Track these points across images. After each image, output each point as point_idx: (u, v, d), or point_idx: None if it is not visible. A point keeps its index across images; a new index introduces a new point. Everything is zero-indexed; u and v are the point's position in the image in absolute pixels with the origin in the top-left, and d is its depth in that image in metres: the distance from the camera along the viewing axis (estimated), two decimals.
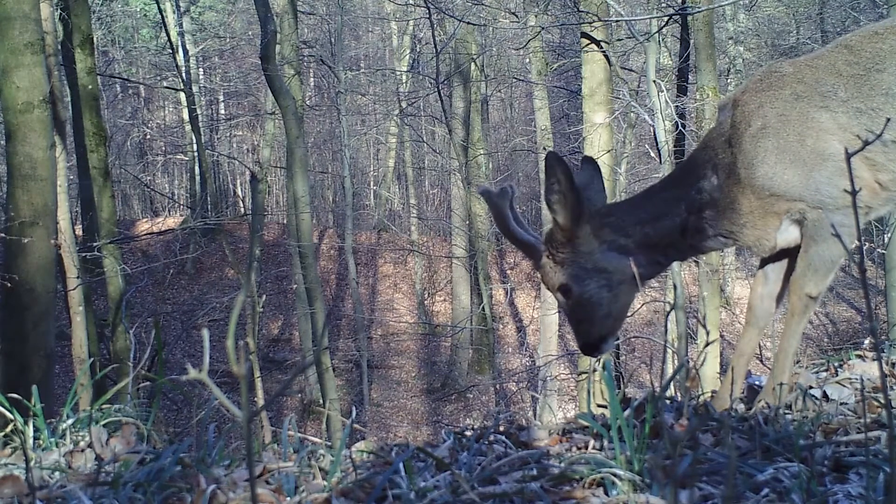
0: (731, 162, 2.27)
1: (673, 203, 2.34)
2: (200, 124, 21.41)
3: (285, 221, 19.94)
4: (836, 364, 2.62)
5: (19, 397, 2.36)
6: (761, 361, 17.08)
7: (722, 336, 14.81)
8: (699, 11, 9.19)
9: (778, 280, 2.42)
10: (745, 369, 2.40)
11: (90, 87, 10.67)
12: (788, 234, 2.30)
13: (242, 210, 24.93)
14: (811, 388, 2.27)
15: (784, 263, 2.40)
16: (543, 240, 2.33)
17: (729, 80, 18.04)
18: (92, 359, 9.37)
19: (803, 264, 2.24)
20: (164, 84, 23.69)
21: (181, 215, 22.93)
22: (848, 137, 2.17)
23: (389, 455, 1.95)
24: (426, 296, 20.18)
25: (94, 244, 10.35)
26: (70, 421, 2.31)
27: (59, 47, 11.10)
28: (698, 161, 2.40)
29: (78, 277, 9.44)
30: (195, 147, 20.55)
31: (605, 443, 1.83)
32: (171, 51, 20.50)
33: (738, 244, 2.37)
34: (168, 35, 20.06)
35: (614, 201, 2.51)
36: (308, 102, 22.19)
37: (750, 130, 2.26)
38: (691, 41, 9.28)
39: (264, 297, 14.29)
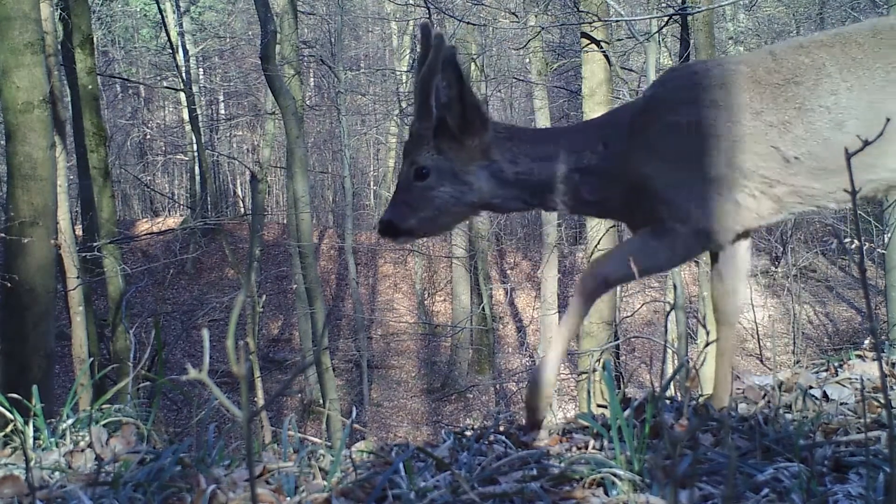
0: (631, 141, 2.21)
1: (568, 152, 2.26)
2: (200, 124, 21.41)
3: (285, 221, 19.94)
4: (836, 364, 2.62)
5: (19, 397, 2.36)
6: (761, 361, 17.09)
7: None
8: (699, 11, 9.19)
9: (734, 275, 2.37)
10: (730, 367, 2.36)
11: (90, 87, 10.67)
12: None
13: (242, 210, 24.93)
14: (811, 388, 2.27)
15: (735, 258, 2.36)
16: (439, 115, 2.20)
17: None
18: (92, 359, 9.37)
19: (617, 252, 2.19)
20: (164, 84, 23.69)
21: (181, 215, 22.93)
22: (745, 158, 2.09)
23: (389, 455, 1.95)
24: (426, 296, 20.18)
25: (94, 244, 10.36)
26: (70, 421, 2.31)
27: (59, 47, 11.10)
28: (607, 122, 2.34)
29: (78, 277, 9.44)
30: (195, 147, 20.55)
31: (605, 443, 1.83)
32: (171, 51, 20.51)
33: (604, 217, 2.37)
34: (168, 35, 20.06)
35: (521, 126, 2.42)
36: (308, 102, 22.19)
37: (660, 121, 2.19)
38: (691, 41, 9.28)
39: (264, 296, 14.30)
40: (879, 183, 2.18)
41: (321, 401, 13.06)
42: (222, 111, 27.78)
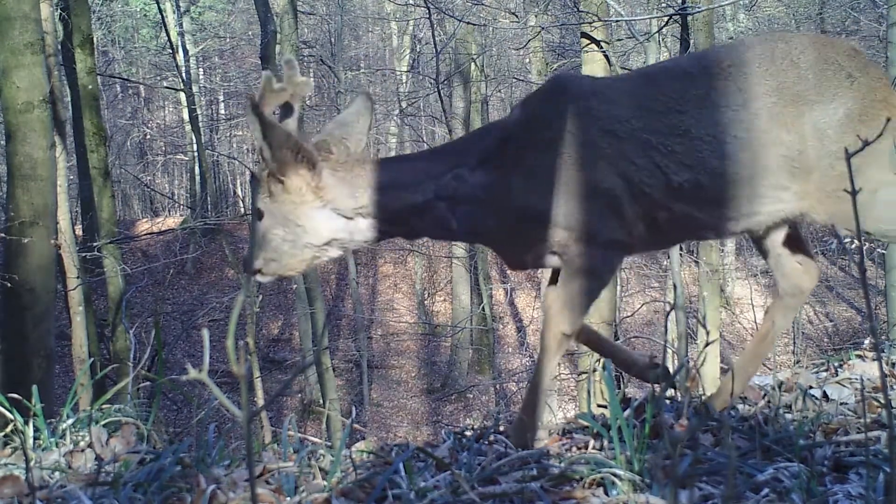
0: (504, 164, 2.11)
1: (424, 179, 2.15)
2: (200, 124, 21.41)
3: None
4: (836, 364, 2.62)
5: (19, 397, 2.36)
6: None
7: (722, 336, 14.80)
8: (699, 11, 9.19)
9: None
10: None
11: (90, 87, 10.67)
12: (546, 260, 2.18)
13: (242, 210, 24.93)
14: (811, 388, 2.27)
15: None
16: (275, 156, 2.10)
17: None
18: (92, 359, 9.37)
19: (560, 300, 2.11)
20: (164, 84, 23.69)
21: (181, 215, 22.93)
22: (629, 170, 2.04)
23: (389, 455, 1.95)
24: (426, 296, 20.17)
25: (94, 244, 10.36)
26: (70, 421, 2.31)
27: (59, 47, 11.10)
28: (461, 148, 2.23)
29: (78, 277, 9.44)
30: (195, 147, 20.55)
31: (605, 443, 1.83)
32: (171, 51, 20.51)
33: (485, 245, 2.23)
34: (168, 35, 20.05)
35: (372, 157, 2.33)
36: (308, 102, 22.19)
37: (536, 140, 2.10)
38: (691, 41, 9.28)
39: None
40: (765, 217, 2.13)
41: (321, 401, 13.05)
42: (222, 111, 27.79)
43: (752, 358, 2.35)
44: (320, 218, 2.13)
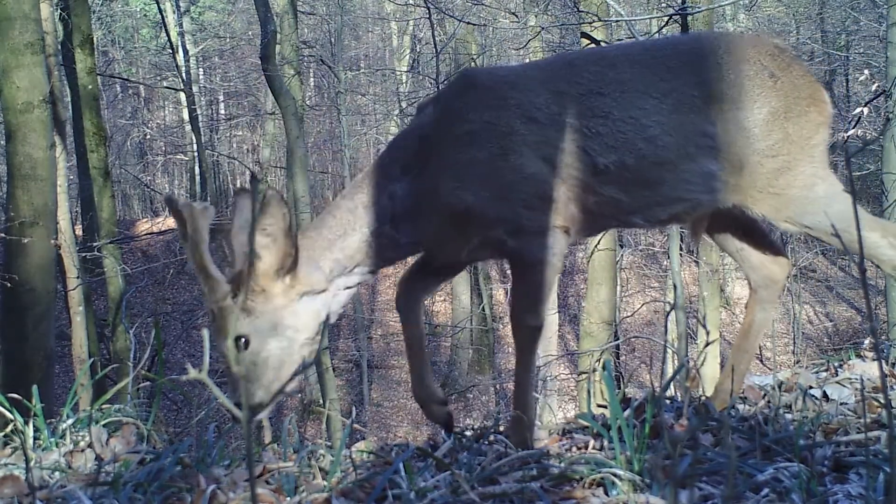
0: (427, 167, 2.09)
1: (360, 214, 2.13)
2: (200, 124, 21.41)
3: None
4: (836, 364, 2.62)
5: (19, 397, 2.37)
6: (761, 361, 17.08)
7: (722, 336, 14.80)
8: (699, 11, 9.19)
9: (427, 282, 2.31)
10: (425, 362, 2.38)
11: (90, 87, 10.67)
12: (482, 255, 2.19)
13: None
14: (811, 388, 2.27)
15: (441, 270, 2.30)
16: (229, 278, 1.99)
17: None
18: (92, 359, 9.37)
19: (518, 297, 2.13)
20: (164, 84, 23.68)
21: None
22: (552, 153, 2.04)
23: (389, 455, 1.95)
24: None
25: (94, 244, 10.36)
26: (70, 421, 2.32)
27: (59, 47, 11.10)
28: (386, 163, 2.18)
29: (78, 277, 9.44)
30: (195, 147, 20.55)
31: (605, 443, 1.83)
32: (171, 51, 20.50)
33: (432, 254, 2.21)
34: (168, 35, 20.05)
35: (302, 230, 2.18)
36: (308, 102, 22.19)
37: (454, 135, 2.08)
38: None
39: None
40: (691, 204, 2.15)
41: (321, 401, 13.05)
42: (222, 111, 27.78)
43: (740, 354, 2.35)
44: (306, 309, 2.04)
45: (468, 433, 2.13)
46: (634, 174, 2.09)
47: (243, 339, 1.96)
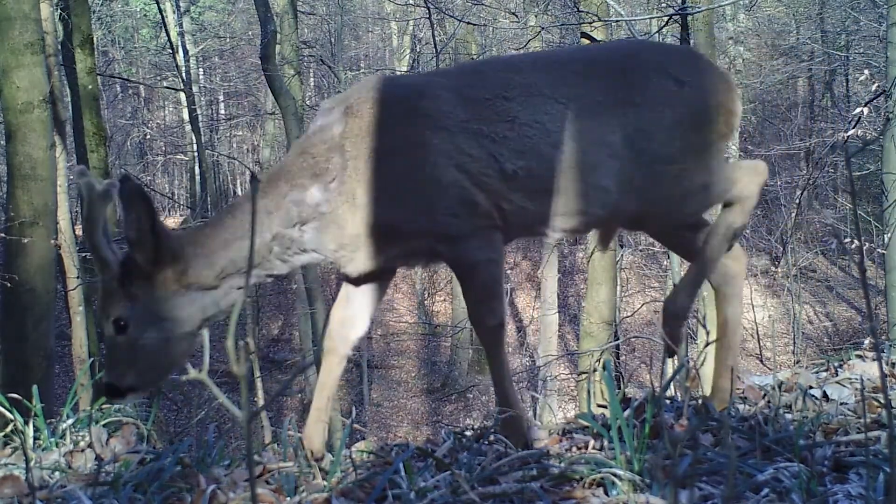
0: (343, 178, 2.06)
1: (262, 218, 2.11)
2: (200, 124, 21.39)
3: None
4: (836, 364, 2.62)
5: (19, 397, 2.37)
6: (761, 361, 17.08)
7: None
8: (699, 11, 9.19)
9: (363, 304, 2.27)
10: (328, 402, 2.25)
11: (90, 87, 10.67)
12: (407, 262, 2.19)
13: None
14: (811, 388, 2.27)
15: (371, 287, 2.26)
16: (121, 260, 2.03)
17: None
18: (92, 359, 9.36)
19: (470, 301, 2.12)
20: (164, 84, 23.66)
21: (181, 215, 22.93)
22: (465, 161, 2.03)
23: (389, 455, 1.95)
24: (426, 296, 20.18)
25: None
26: (70, 421, 2.32)
27: (59, 47, 11.09)
28: (294, 169, 2.14)
29: (78, 277, 9.44)
30: (195, 147, 20.53)
31: (605, 443, 1.83)
32: (171, 51, 20.48)
33: (335, 263, 2.19)
34: (168, 35, 20.04)
35: (198, 226, 2.20)
36: (308, 102, 22.18)
37: (366, 148, 2.07)
38: (691, 41, 9.28)
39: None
40: (592, 215, 2.14)
41: None
42: (222, 111, 27.77)
43: (724, 351, 2.35)
44: (190, 301, 2.05)
45: (468, 433, 2.13)
46: (541, 181, 2.08)
47: (121, 322, 2.01)
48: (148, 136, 27.49)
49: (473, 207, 2.05)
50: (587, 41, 9.04)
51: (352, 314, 2.28)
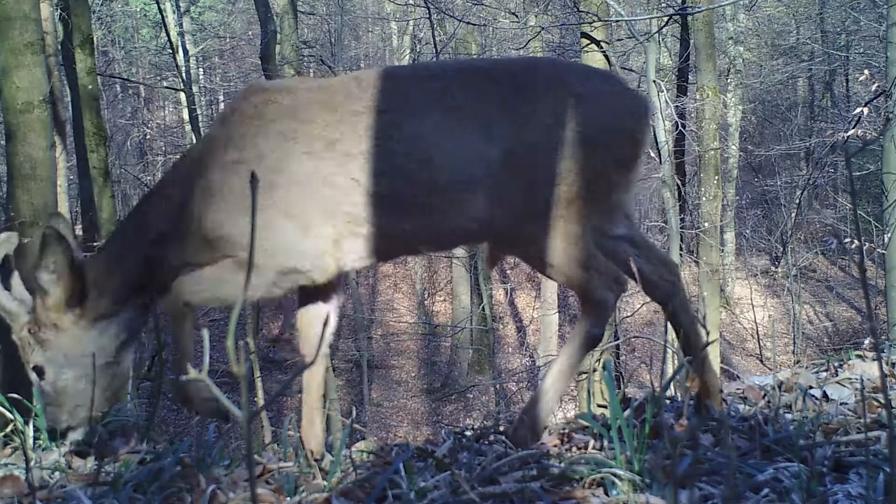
0: (196, 193, 2.01)
1: (136, 234, 2.09)
2: (200, 124, 21.39)
3: None
4: (836, 364, 2.62)
5: (19, 397, 2.37)
6: (761, 361, 17.09)
7: (722, 336, 14.80)
8: (699, 11, 9.19)
9: (325, 298, 2.21)
10: (319, 401, 2.21)
11: (90, 87, 10.66)
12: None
13: None
14: (811, 388, 2.27)
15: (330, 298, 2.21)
16: (27, 311, 2.09)
17: (729, 80, 18.05)
18: None
19: (199, 274, 2.03)
20: (164, 84, 23.67)
21: None
22: (326, 191, 1.94)
23: (389, 455, 1.95)
24: (426, 296, 20.18)
25: (94, 244, 10.35)
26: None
27: (59, 47, 11.10)
28: (166, 180, 2.13)
29: None
30: None
31: (605, 443, 1.83)
32: (171, 51, 20.48)
33: None
34: (168, 35, 20.04)
35: (93, 256, 2.21)
36: None
37: (223, 159, 2.00)
38: (691, 41, 9.29)
39: None
40: (470, 233, 2.01)
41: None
42: None
43: (696, 354, 2.24)
44: (100, 333, 2.09)
45: (468, 433, 2.13)
46: (412, 200, 1.96)
47: (38, 369, 2.08)
48: (148, 136, 27.49)
49: (314, 238, 1.96)
50: (587, 41, 9.04)
51: (316, 312, 2.23)
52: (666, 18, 9.93)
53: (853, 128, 7.80)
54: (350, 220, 1.96)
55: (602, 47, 9.07)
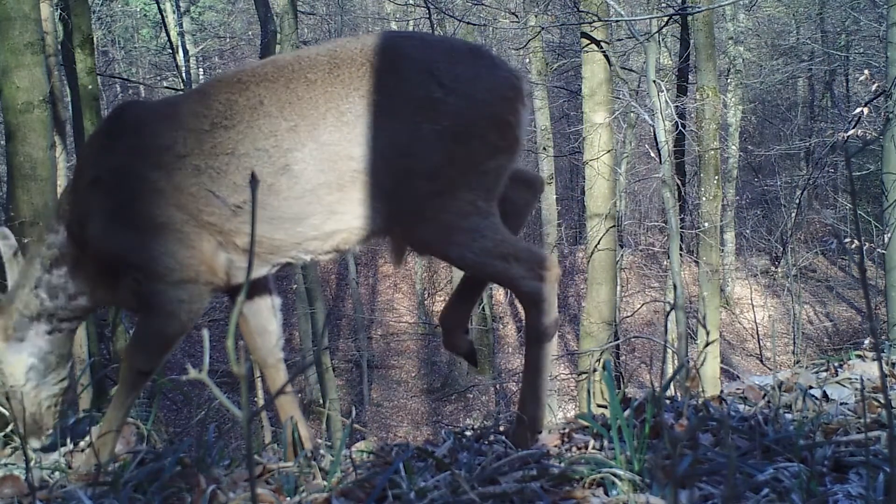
0: (81, 209, 2.03)
1: (34, 262, 2.11)
2: None
3: None
4: (836, 364, 2.62)
5: None
6: (761, 361, 17.09)
7: (722, 336, 14.80)
8: (699, 11, 9.20)
9: (258, 313, 2.24)
10: (292, 403, 2.22)
11: (90, 87, 10.67)
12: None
13: None
14: (811, 388, 2.27)
15: (256, 300, 2.25)
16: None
17: (729, 80, 18.06)
18: (92, 359, 9.37)
19: (135, 337, 2.06)
20: (164, 84, 23.67)
21: None
22: (185, 200, 1.91)
23: (389, 455, 1.94)
24: (426, 296, 20.18)
25: None
26: (70, 421, 2.32)
27: (59, 47, 11.10)
28: (59, 204, 2.13)
29: None
30: None
31: (605, 443, 1.83)
32: (171, 51, 20.50)
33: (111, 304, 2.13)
34: (168, 35, 20.05)
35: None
36: None
37: (84, 179, 2.02)
38: (691, 41, 9.29)
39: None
40: (349, 234, 1.96)
41: (321, 401, 13.05)
42: None
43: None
44: (30, 345, 2.12)
45: (468, 433, 2.13)
46: (275, 211, 1.90)
47: None
48: None
49: (191, 251, 1.93)
50: (587, 41, 9.05)
51: (257, 323, 2.25)
52: (666, 18, 9.94)
53: (853, 128, 7.81)
54: (218, 231, 1.94)
55: (602, 47, 9.08)
